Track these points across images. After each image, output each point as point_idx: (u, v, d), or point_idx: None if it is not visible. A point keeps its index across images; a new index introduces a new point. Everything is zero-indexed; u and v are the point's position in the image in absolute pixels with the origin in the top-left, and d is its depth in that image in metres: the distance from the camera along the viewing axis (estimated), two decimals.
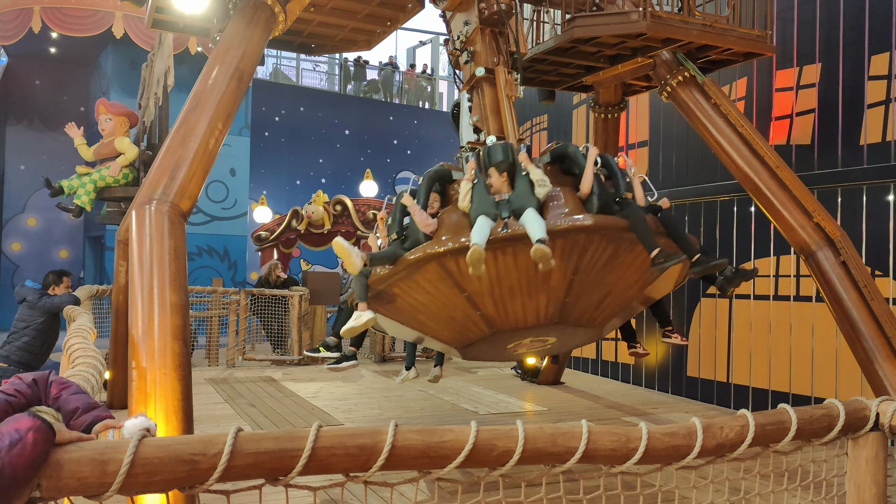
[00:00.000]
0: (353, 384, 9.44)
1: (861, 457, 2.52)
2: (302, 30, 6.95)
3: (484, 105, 6.00)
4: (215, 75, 4.86)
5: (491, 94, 5.99)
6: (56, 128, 16.42)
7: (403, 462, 1.95)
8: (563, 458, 2.08)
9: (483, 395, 8.64)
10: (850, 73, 7.10)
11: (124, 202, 9.34)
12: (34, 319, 7.08)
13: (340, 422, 7.06)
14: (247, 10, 5.17)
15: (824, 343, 7.11)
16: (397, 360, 11.69)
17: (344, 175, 20.32)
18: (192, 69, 11.91)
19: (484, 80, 6.01)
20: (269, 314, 11.53)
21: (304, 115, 20.50)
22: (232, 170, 16.83)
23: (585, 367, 10.61)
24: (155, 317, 3.89)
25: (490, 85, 6.01)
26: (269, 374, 10.03)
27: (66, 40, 15.33)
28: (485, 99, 6.00)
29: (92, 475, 1.67)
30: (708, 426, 2.24)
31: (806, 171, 7.22)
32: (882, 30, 6.83)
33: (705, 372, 8.51)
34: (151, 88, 9.57)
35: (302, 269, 17.25)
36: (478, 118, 6.06)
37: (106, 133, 9.56)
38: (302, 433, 1.89)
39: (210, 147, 4.66)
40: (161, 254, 4.09)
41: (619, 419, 7.45)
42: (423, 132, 22.09)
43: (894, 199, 6.62)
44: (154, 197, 4.35)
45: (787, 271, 7.53)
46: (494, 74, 5.97)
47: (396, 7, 6.71)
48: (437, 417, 7.43)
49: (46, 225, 17.54)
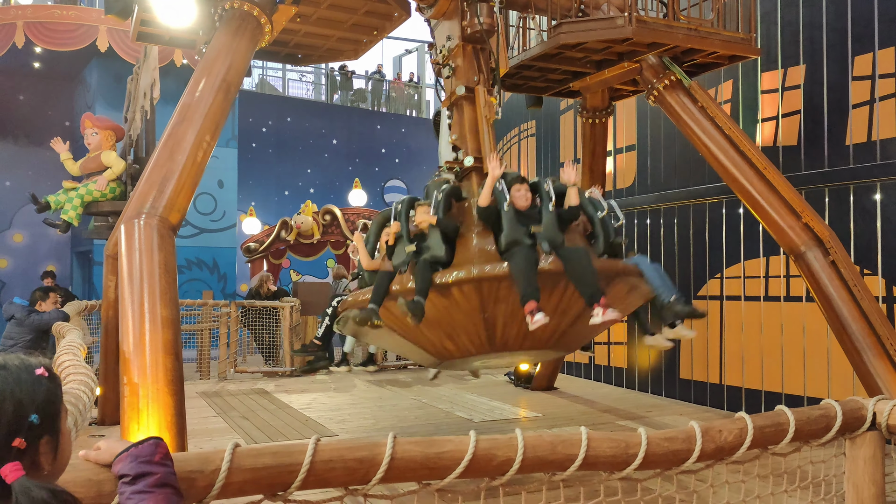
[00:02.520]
0: (346, 394, 9.40)
1: (859, 456, 2.52)
2: (288, 40, 6.94)
3: (463, 124, 6.03)
4: (202, 88, 4.84)
5: (470, 113, 6.02)
6: (41, 143, 16.29)
7: (403, 474, 1.94)
8: (563, 466, 2.07)
9: (477, 403, 8.62)
10: (834, 75, 7.16)
11: (112, 216, 9.28)
12: (23, 337, 7.01)
13: (335, 433, 7.02)
14: (233, 21, 5.15)
15: (816, 343, 7.15)
16: (391, 368, 11.65)
17: (332, 185, 20.29)
18: (177, 81, 11.86)
19: (464, 99, 6.03)
20: (260, 326, 11.47)
21: (292, 126, 20.47)
22: (220, 181, 16.76)
23: (579, 372, 10.61)
24: (146, 331, 3.86)
25: (470, 104, 6.03)
26: (261, 386, 9.96)
27: (50, 55, 15.24)
28: (464, 118, 6.03)
29: (87, 496, 1.64)
30: (707, 430, 2.24)
31: (793, 171, 7.27)
32: (865, 31, 6.90)
33: (698, 374, 8.52)
34: (137, 101, 9.54)
35: (292, 280, 17.20)
36: (457, 136, 6.08)
37: (92, 147, 9.51)
38: (300, 447, 1.87)
39: (198, 160, 4.64)
40: (151, 268, 4.05)
41: (614, 423, 7.45)
42: (411, 140, 22.09)
43: (881, 197, 6.67)
44: (143, 211, 4.32)
45: (776, 272, 7.56)
46: (474, 94, 5.99)
47: (382, 17, 6.71)
48: (432, 426, 7.40)
49: (33, 241, 17.39)
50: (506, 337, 5.27)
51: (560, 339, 5.42)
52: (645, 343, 6.24)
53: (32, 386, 1.32)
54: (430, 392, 9.39)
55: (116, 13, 6.28)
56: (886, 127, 6.69)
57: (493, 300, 5.05)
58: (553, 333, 5.24)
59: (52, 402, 1.34)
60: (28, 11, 14.30)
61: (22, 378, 1.33)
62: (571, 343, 5.82)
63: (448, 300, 5.10)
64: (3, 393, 1.30)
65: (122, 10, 6.19)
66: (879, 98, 6.75)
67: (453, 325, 5.27)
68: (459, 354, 5.49)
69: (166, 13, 5.44)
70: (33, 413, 1.29)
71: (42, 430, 1.31)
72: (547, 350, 5.70)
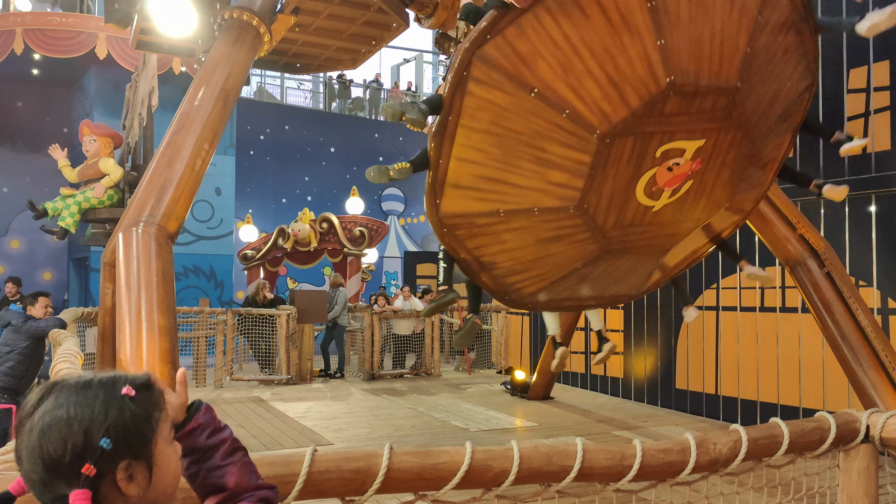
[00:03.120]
0: (342, 403, 9.39)
1: (853, 469, 2.53)
2: (287, 49, 6.97)
3: None
4: (201, 96, 4.85)
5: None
6: (39, 149, 16.30)
7: (399, 485, 1.94)
8: (558, 477, 2.08)
9: (473, 412, 8.62)
10: (829, 87, 7.20)
11: (109, 223, 9.28)
12: (18, 344, 6.99)
13: (331, 442, 7.01)
14: (232, 30, 5.18)
15: (811, 354, 7.16)
16: (387, 377, 11.64)
17: (330, 193, 20.31)
18: (175, 89, 11.89)
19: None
20: (257, 334, 11.46)
21: (290, 134, 20.50)
22: (217, 189, 16.76)
23: (574, 382, 10.61)
24: (143, 340, 3.86)
25: None
26: (257, 395, 9.95)
27: (48, 62, 15.26)
28: None
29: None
30: (702, 441, 2.25)
31: (789, 183, 7.30)
32: (860, 44, 6.95)
33: (694, 384, 8.53)
34: (136, 109, 9.55)
35: (289, 288, 17.19)
36: None
37: (90, 154, 9.51)
38: (297, 457, 1.88)
39: (197, 168, 4.65)
40: (149, 276, 4.06)
41: (609, 433, 7.45)
42: (409, 149, 22.13)
43: (876, 210, 6.71)
44: (141, 219, 4.32)
45: (772, 283, 7.58)
46: None
47: (381, 27, 6.75)
48: (427, 435, 7.39)
49: (30, 247, 17.37)
50: (691, 36, 3.59)
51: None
52: (745, 273, 5.59)
53: (106, 406, 1.23)
54: (426, 401, 9.39)
55: (116, 21, 6.31)
56: (881, 139, 6.74)
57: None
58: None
59: (135, 423, 1.24)
60: (27, 18, 14.33)
61: (99, 397, 1.24)
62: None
63: None
64: (74, 415, 1.21)
65: (122, 18, 6.22)
66: (874, 111, 6.80)
67: (612, 27, 3.57)
68: (630, 98, 3.68)
69: (166, 22, 5.46)
70: (103, 437, 1.20)
71: (119, 455, 1.21)
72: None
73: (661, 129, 3.80)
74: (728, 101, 3.81)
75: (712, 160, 4.12)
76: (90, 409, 1.22)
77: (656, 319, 9.06)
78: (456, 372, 12.68)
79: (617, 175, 3.95)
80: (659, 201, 4.21)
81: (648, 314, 9.19)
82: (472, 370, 12.65)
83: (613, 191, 4.04)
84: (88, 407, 1.22)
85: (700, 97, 3.73)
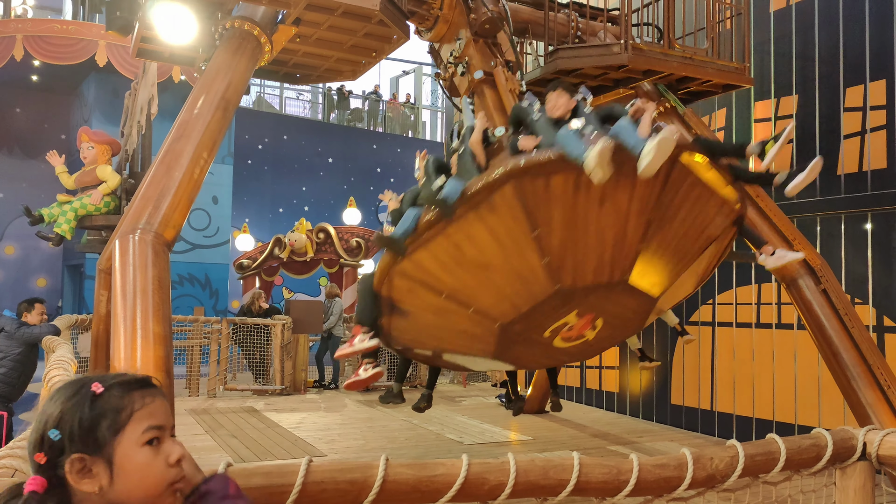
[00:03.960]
0: (335, 414, 9.35)
1: (849, 486, 2.52)
2: (287, 59, 6.98)
3: (487, 105, 6.01)
4: (201, 105, 4.86)
5: (492, 94, 6.00)
6: (36, 156, 16.30)
7: (394, 497, 1.93)
8: (554, 491, 2.07)
9: (468, 425, 8.58)
10: (826, 105, 7.25)
11: (105, 230, 9.25)
12: (12, 350, 6.96)
13: (324, 453, 6.98)
14: (233, 40, 5.19)
15: (807, 370, 7.16)
16: (381, 388, 11.58)
17: (327, 203, 20.31)
18: (175, 97, 11.91)
19: (483, 83, 6.02)
20: (251, 343, 11.42)
21: (288, 144, 20.52)
22: (214, 197, 16.77)
23: (570, 396, 10.58)
24: (138, 348, 3.84)
25: (490, 86, 6.02)
26: (250, 405, 9.90)
27: (48, 68, 15.29)
28: (486, 100, 6.01)
29: None
30: (698, 457, 2.24)
31: (785, 200, 7.32)
32: (856, 63, 7.00)
33: (689, 400, 8.52)
34: (134, 117, 9.55)
35: (284, 298, 17.15)
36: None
37: (88, 161, 9.49)
38: (292, 468, 1.87)
39: (195, 176, 4.64)
40: (145, 284, 4.04)
41: (605, 448, 7.43)
42: (407, 160, 22.16)
43: (872, 227, 6.73)
44: (138, 226, 4.31)
45: (768, 299, 7.60)
46: (493, 76, 6.00)
47: (382, 39, 6.76)
48: (422, 448, 7.36)
49: (24, 253, 17.32)
50: (575, 256, 4.24)
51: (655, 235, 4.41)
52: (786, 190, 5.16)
53: (66, 401, 1.29)
54: (420, 413, 9.34)
55: (117, 29, 6.31)
56: (877, 158, 6.77)
57: (544, 203, 4.09)
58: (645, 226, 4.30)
59: (92, 419, 1.28)
60: (28, 25, 14.38)
61: (65, 393, 1.31)
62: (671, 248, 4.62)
63: (489, 218, 4.24)
64: (44, 409, 1.30)
65: (124, 26, 6.22)
66: (870, 129, 6.84)
67: (504, 251, 4.30)
68: (521, 304, 4.46)
69: (167, 30, 5.47)
70: (52, 428, 1.27)
71: (70, 448, 1.26)
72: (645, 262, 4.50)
73: (550, 318, 4.61)
74: (620, 282, 4.49)
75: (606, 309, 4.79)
76: (54, 404, 1.30)
77: (652, 334, 9.05)
78: (451, 384, 12.64)
79: (526, 341, 4.83)
80: (584, 337, 4.92)
81: (644, 329, 9.17)
82: (466, 383, 12.61)
83: (527, 351, 5.02)
84: (54, 402, 1.30)
85: (591, 291, 4.47)
